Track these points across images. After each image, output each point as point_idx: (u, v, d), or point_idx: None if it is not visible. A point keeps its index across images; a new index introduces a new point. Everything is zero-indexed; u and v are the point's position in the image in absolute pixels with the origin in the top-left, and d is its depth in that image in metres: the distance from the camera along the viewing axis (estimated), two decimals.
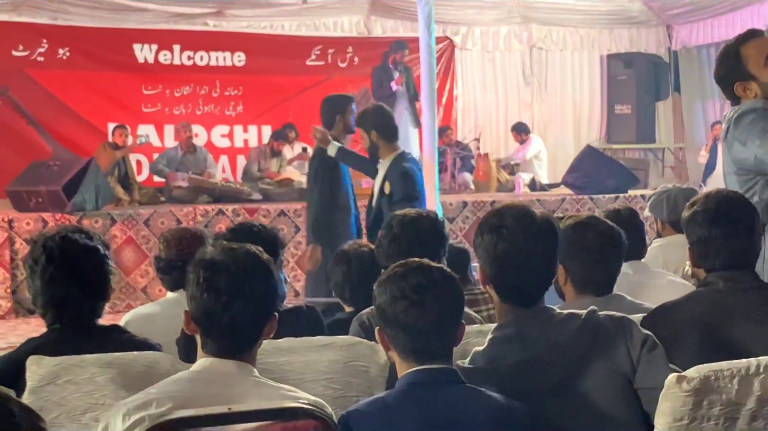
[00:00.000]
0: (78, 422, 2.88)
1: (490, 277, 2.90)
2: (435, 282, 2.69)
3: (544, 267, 2.89)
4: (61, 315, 3.25)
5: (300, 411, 2.40)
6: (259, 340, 2.67)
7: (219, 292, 2.55)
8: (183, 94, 14.03)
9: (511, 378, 2.73)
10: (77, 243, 3.27)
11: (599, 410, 2.70)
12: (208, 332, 2.61)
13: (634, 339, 2.79)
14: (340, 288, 4.44)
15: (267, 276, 2.65)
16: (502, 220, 2.86)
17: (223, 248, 2.68)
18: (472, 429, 2.60)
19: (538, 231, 2.85)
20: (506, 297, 2.90)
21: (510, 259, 2.83)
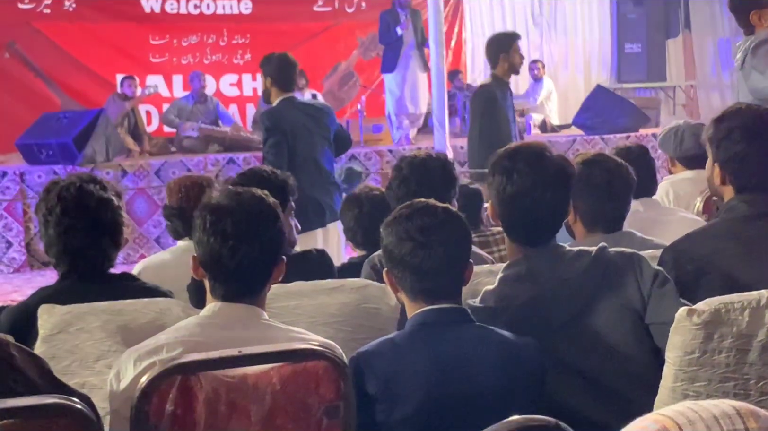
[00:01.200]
0: (91, 369, 2.89)
1: (499, 216, 2.92)
2: (441, 222, 2.68)
3: (554, 210, 2.88)
4: (74, 264, 3.25)
5: (310, 352, 2.41)
6: (267, 284, 2.68)
7: (225, 236, 2.56)
8: (190, 44, 13.96)
9: (522, 316, 2.74)
10: (92, 194, 3.25)
11: (610, 346, 2.72)
12: (216, 276, 2.62)
13: (644, 274, 2.79)
14: (352, 231, 4.44)
15: (273, 220, 2.65)
16: (514, 162, 2.85)
17: (228, 192, 2.68)
18: (482, 367, 2.61)
19: (548, 175, 2.84)
20: (515, 237, 2.91)
21: (518, 202, 2.83)
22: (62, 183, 3.28)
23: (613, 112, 12.25)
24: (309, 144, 6.38)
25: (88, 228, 3.23)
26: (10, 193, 9.72)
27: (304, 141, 6.37)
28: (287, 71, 6.63)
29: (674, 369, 2.46)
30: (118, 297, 3.08)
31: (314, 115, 6.55)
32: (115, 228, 3.31)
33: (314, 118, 6.51)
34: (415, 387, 2.56)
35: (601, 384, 2.74)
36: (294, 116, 6.43)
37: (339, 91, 14.51)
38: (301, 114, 6.47)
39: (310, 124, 6.44)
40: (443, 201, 3.71)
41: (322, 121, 6.52)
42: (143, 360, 2.46)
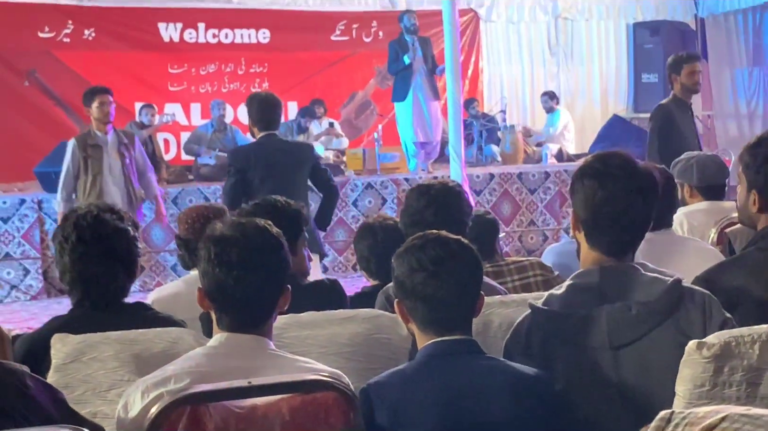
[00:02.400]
0: (103, 398, 2.90)
1: (582, 221, 2.85)
2: (452, 253, 2.70)
3: (641, 220, 2.83)
4: (87, 292, 3.27)
5: (320, 383, 2.41)
6: (273, 313, 2.69)
7: (230, 266, 2.57)
8: (209, 72, 14.04)
9: (583, 328, 2.72)
10: (108, 223, 3.28)
11: (661, 378, 2.64)
12: (221, 307, 2.64)
13: (713, 319, 2.73)
14: (366, 260, 4.45)
15: (277, 249, 2.67)
16: (606, 167, 2.81)
17: (232, 223, 2.70)
18: (492, 398, 2.61)
19: (640, 183, 2.80)
20: (596, 245, 2.85)
21: (608, 208, 2.78)
22: (79, 211, 3.31)
23: (630, 141, 12.22)
24: (280, 179, 6.57)
25: (103, 256, 3.25)
26: (27, 221, 9.78)
27: (275, 176, 6.60)
28: (266, 112, 6.85)
29: (684, 403, 2.44)
30: (131, 327, 3.09)
31: (289, 150, 6.85)
32: (129, 258, 3.33)
33: (289, 153, 6.79)
34: (425, 419, 2.56)
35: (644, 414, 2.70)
36: (267, 153, 6.69)
37: (356, 119, 14.55)
38: (276, 150, 6.72)
39: (284, 160, 6.69)
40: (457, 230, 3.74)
41: (297, 156, 6.79)
42: (151, 392, 2.46)
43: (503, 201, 11.42)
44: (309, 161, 6.79)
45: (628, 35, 16.14)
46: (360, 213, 10.82)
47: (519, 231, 11.28)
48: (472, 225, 4.11)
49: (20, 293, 9.70)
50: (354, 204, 10.92)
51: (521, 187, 11.55)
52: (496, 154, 13.48)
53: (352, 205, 10.91)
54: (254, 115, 6.82)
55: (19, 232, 9.75)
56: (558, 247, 5.10)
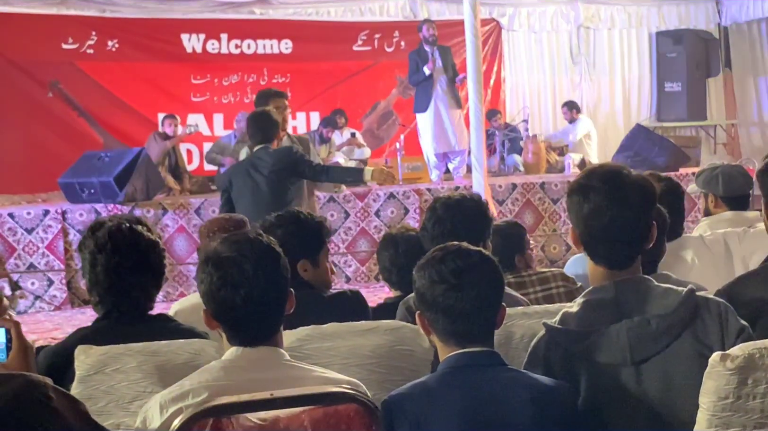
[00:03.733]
0: (126, 410, 2.91)
1: (579, 237, 2.87)
2: (473, 265, 2.70)
3: (632, 230, 2.81)
4: (118, 303, 3.27)
5: (342, 395, 2.41)
6: (281, 321, 2.71)
7: (235, 286, 2.58)
8: (231, 83, 14.09)
9: (602, 345, 2.71)
10: (142, 235, 3.31)
11: (682, 391, 2.64)
12: (232, 326, 2.65)
13: (730, 327, 2.71)
14: (388, 272, 4.46)
15: (276, 258, 2.69)
16: (590, 181, 2.82)
17: (224, 242, 2.69)
18: (515, 410, 2.61)
19: (626, 194, 2.79)
20: (597, 260, 2.85)
21: (595, 221, 2.78)
22: (112, 223, 3.31)
23: (653, 150, 12.22)
24: (251, 194, 6.85)
25: (137, 268, 3.27)
26: (51, 231, 9.83)
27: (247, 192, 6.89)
28: (253, 127, 7.07)
29: (708, 415, 2.44)
30: (154, 338, 3.10)
31: (264, 161, 6.92)
32: (159, 270, 3.35)
33: (263, 164, 6.90)
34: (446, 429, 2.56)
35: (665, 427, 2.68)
36: (242, 170, 7.04)
37: (378, 129, 14.57)
38: (250, 166, 6.97)
39: (256, 174, 6.88)
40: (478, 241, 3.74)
41: (271, 165, 6.86)
42: (169, 407, 2.47)
43: (525, 210, 11.40)
44: (283, 165, 6.84)
45: (651, 44, 16.10)
46: (382, 223, 10.82)
47: (542, 241, 11.25)
48: (497, 235, 4.10)
49: (44, 303, 9.74)
50: (376, 214, 10.92)
51: (544, 196, 11.53)
52: (518, 163, 13.46)
53: (374, 215, 10.91)
54: (248, 131, 7.12)
55: (43, 243, 9.80)
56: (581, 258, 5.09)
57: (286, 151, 6.98)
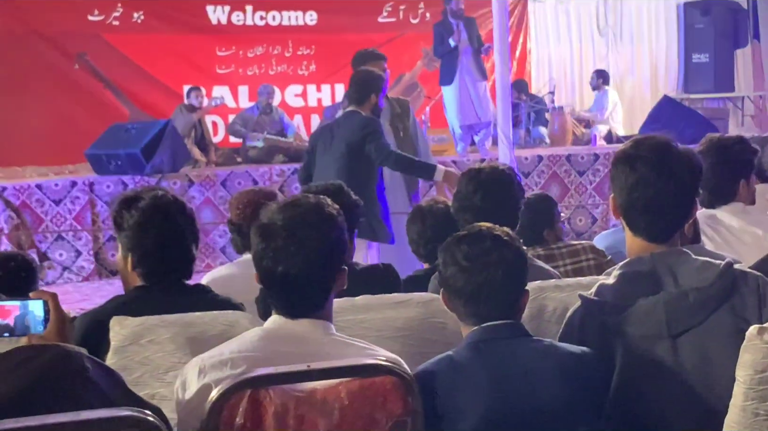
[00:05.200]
0: (161, 380, 2.93)
1: (620, 208, 2.84)
2: (485, 250, 2.71)
3: (677, 204, 2.78)
4: (169, 272, 3.30)
5: (379, 368, 2.42)
6: (329, 296, 2.65)
7: (277, 255, 2.54)
8: (256, 55, 14.08)
9: (638, 317, 2.69)
10: (184, 204, 3.36)
11: (719, 364, 2.63)
12: (273, 295, 2.62)
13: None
14: (416, 244, 4.45)
15: (328, 229, 2.59)
16: (638, 151, 2.79)
17: (282, 206, 2.62)
18: (542, 380, 2.62)
19: (673, 166, 2.76)
20: (636, 231, 2.83)
21: (639, 192, 2.76)
22: (148, 194, 3.32)
23: (681, 122, 12.13)
24: (323, 160, 6.45)
25: (184, 234, 3.31)
26: (79, 203, 9.87)
27: (321, 158, 6.48)
28: (352, 86, 6.68)
29: (744, 388, 2.42)
30: (191, 309, 3.12)
31: (340, 127, 6.55)
32: (197, 240, 3.39)
33: (338, 130, 6.52)
34: (475, 403, 2.57)
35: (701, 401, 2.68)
36: (323, 132, 6.64)
37: None
38: (330, 129, 6.60)
39: (329, 139, 6.49)
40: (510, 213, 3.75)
41: (341, 133, 6.47)
42: (207, 373, 2.48)
43: (552, 183, 11.36)
44: (355, 139, 6.34)
45: (678, 15, 15.97)
46: None
47: (568, 214, 11.21)
48: (526, 208, 4.09)
49: (72, 274, 9.80)
50: None
51: (570, 169, 11.48)
52: (544, 135, 13.41)
53: None
54: (348, 91, 6.71)
55: (70, 214, 9.84)
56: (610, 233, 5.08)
57: (361, 122, 6.41)
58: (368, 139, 6.32)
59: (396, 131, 7.09)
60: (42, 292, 2.41)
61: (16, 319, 2.34)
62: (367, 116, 6.44)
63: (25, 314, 2.34)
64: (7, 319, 2.33)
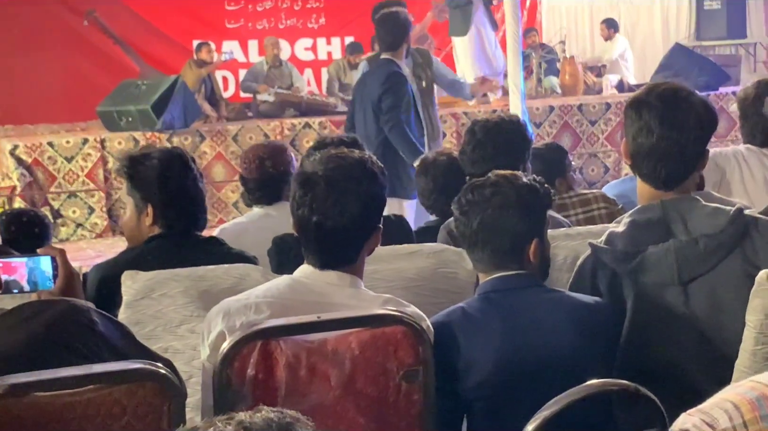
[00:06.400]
0: (174, 334, 2.95)
1: (628, 153, 2.84)
2: (484, 195, 2.72)
3: (681, 152, 2.76)
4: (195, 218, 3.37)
5: (388, 317, 2.43)
6: (361, 252, 2.63)
7: (312, 207, 2.53)
8: (265, 9, 14.02)
9: (650, 264, 2.70)
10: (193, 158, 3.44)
11: (729, 310, 2.63)
12: (306, 245, 2.62)
13: None
14: (424, 196, 4.46)
15: (367, 186, 2.58)
16: (647, 97, 2.78)
17: (322, 158, 2.61)
18: (555, 331, 2.63)
19: (680, 115, 2.75)
20: (644, 177, 2.83)
21: (644, 138, 2.75)
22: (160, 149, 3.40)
23: (693, 70, 12.03)
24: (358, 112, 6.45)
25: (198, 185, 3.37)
26: (91, 160, 9.88)
27: (355, 113, 6.51)
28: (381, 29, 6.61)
29: (755, 333, 2.43)
30: (205, 262, 3.14)
31: (367, 76, 6.55)
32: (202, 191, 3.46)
33: (365, 81, 6.52)
34: (487, 354, 2.58)
35: (712, 346, 2.68)
36: (358, 84, 6.66)
37: None
38: (361, 80, 6.60)
39: (360, 94, 6.50)
40: (517, 163, 3.74)
41: (368, 89, 6.45)
42: (231, 316, 2.48)
43: (563, 133, 11.32)
44: (371, 93, 6.32)
45: None
46: None
47: (580, 163, 11.18)
48: (537, 159, 4.09)
49: (86, 231, 9.83)
50: None
51: (582, 118, 11.44)
52: (555, 85, 13.33)
53: None
54: (376, 36, 6.74)
55: (83, 171, 9.86)
56: (619, 182, 5.07)
57: (382, 76, 6.38)
58: (384, 96, 6.29)
59: (418, 81, 6.95)
60: (50, 248, 2.42)
61: (26, 275, 2.35)
62: (391, 71, 6.39)
63: (33, 270, 2.35)
64: (15, 275, 2.35)
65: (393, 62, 6.43)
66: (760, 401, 1.18)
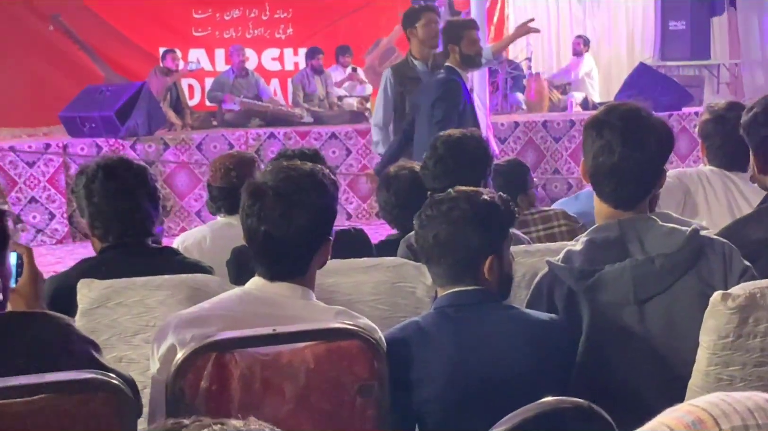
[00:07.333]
0: (129, 343, 2.93)
1: (588, 172, 2.85)
2: (441, 209, 2.71)
3: (641, 171, 2.78)
4: (125, 229, 3.28)
5: (344, 331, 2.42)
6: (311, 264, 2.63)
7: (260, 217, 2.54)
8: (233, 17, 14.01)
9: (605, 283, 2.71)
10: (131, 161, 3.36)
11: (684, 329, 2.64)
12: (255, 255, 2.62)
13: (734, 268, 2.71)
14: (383, 210, 4.45)
15: (315, 198, 2.58)
16: (608, 117, 2.79)
17: (272, 170, 2.63)
18: (508, 348, 2.63)
19: (641, 135, 2.76)
20: (601, 196, 2.84)
21: (605, 158, 2.76)
22: (96, 159, 3.35)
23: (656, 89, 12.13)
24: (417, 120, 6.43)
25: (133, 190, 3.27)
26: (53, 165, 9.82)
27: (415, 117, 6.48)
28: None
29: (708, 353, 2.45)
30: (160, 271, 3.11)
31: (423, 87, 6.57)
32: (155, 194, 3.36)
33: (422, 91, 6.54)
34: (441, 369, 2.59)
35: (667, 366, 2.70)
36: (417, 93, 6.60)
37: (380, 66, 14.46)
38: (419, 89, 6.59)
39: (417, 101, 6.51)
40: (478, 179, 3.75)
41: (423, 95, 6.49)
42: (183, 329, 2.47)
43: (528, 149, 11.37)
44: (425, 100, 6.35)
45: None
46: None
47: (543, 180, 11.24)
48: (499, 174, 4.10)
49: (46, 237, 9.77)
50: None
51: (546, 135, 11.50)
52: (521, 101, 13.40)
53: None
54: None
55: (44, 177, 9.79)
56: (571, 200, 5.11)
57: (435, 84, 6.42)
58: (437, 103, 6.31)
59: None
60: (18, 245, 2.41)
61: None
62: (442, 78, 6.43)
63: None
64: None
65: (452, 69, 6.46)
66: (695, 425, 1.19)
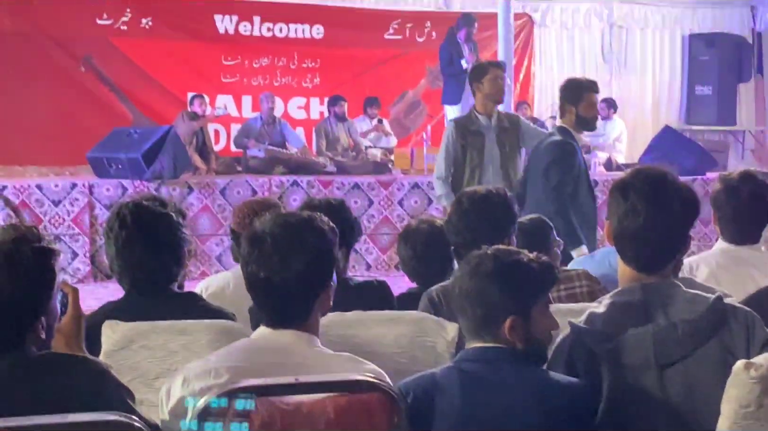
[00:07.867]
0: (150, 387, 2.94)
1: (612, 235, 2.86)
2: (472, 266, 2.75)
3: (668, 236, 2.80)
4: (135, 279, 3.30)
5: (365, 384, 2.43)
6: (313, 310, 2.66)
7: (261, 262, 2.58)
8: (261, 65, 14.12)
9: (628, 347, 2.70)
10: (149, 209, 3.32)
11: (706, 396, 2.63)
12: (257, 303, 2.66)
13: (756, 337, 2.70)
14: (404, 264, 4.46)
15: (313, 244, 2.61)
16: (634, 180, 2.81)
17: (271, 218, 2.67)
18: (522, 410, 2.62)
19: (666, 199, 2.78)
20: (625, 259, 2.85)
21: (630, 221, 2.78)
22: (124, 201, 3.36)
23: (681, 153, 12.14)
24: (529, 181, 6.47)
25: (146, 242, 3.28)
26: (78, 205, 9.89)
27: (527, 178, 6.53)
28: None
29: (729, 422, 2.44)
30: (182, 316, 3.13)
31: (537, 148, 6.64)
32: (174, 243, 3.34)
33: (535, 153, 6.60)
34: (450, 424, 2.60)
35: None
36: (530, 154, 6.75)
37: (405, 119, 14.57)
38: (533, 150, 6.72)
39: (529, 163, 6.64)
40: (502, 236, 3.76)
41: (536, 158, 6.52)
42: (191, 383, 2.50)
43: None
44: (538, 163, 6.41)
45: (683, 46, 16.01)
46: (405, 212, 10.83)
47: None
48: (521, 232, 4.11)
49: (67, 276, 9.78)
50: (400, 203, 10.93)
51: None
52: None
53: (397, 204, 10.92)
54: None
55: (69, 216, 9.86)
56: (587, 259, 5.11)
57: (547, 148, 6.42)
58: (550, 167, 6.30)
59: (501, 146, 7.02)
60: (65, 284, 2.45)
61: None
62: (557, 140, 6.41)
63: None
64: None
65: (565, 130, 6.45)
66: None
